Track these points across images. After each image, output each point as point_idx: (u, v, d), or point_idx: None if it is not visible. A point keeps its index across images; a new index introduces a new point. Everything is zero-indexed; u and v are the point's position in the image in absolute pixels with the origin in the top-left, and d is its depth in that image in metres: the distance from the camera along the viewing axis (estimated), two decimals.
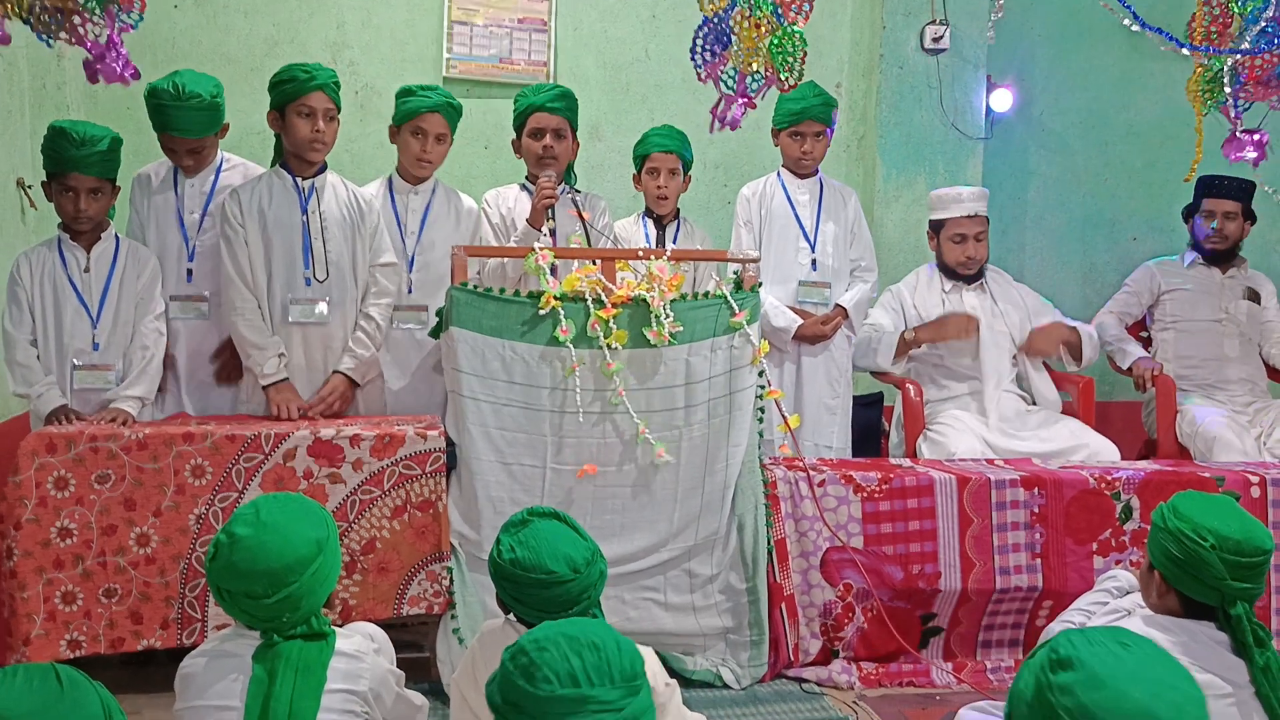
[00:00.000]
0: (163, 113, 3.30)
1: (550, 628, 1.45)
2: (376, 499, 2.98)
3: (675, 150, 3.84)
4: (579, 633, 1.42)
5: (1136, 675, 1.34)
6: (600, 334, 3.03)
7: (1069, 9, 5.05)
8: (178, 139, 3.35)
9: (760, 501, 3.19)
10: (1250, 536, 2.03)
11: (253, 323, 3.30)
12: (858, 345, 4.06)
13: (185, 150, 3.38)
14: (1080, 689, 1.33)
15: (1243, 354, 4.30)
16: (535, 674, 1.37)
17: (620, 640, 1.44)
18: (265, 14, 4.67)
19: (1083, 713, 1.31)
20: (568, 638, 1.41)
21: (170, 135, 3.34)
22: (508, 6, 4.78)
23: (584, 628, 1.44)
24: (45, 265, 3.21)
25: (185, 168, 3.44)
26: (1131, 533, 3.24)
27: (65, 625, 2.84)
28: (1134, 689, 1.32)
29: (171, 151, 3.40)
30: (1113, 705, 1.31)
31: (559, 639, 1.41)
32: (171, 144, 3.37)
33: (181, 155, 3.39)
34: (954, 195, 4.08)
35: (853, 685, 3.15)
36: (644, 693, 1.41)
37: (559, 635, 1.42)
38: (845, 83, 5.01)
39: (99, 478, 2.86)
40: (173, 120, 3.30)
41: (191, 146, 3.38)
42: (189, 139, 3.35)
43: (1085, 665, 1.35)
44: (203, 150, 3.43)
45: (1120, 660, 1.37)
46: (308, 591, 1.91)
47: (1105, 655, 1.37)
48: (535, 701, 1.36)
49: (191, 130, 3.34)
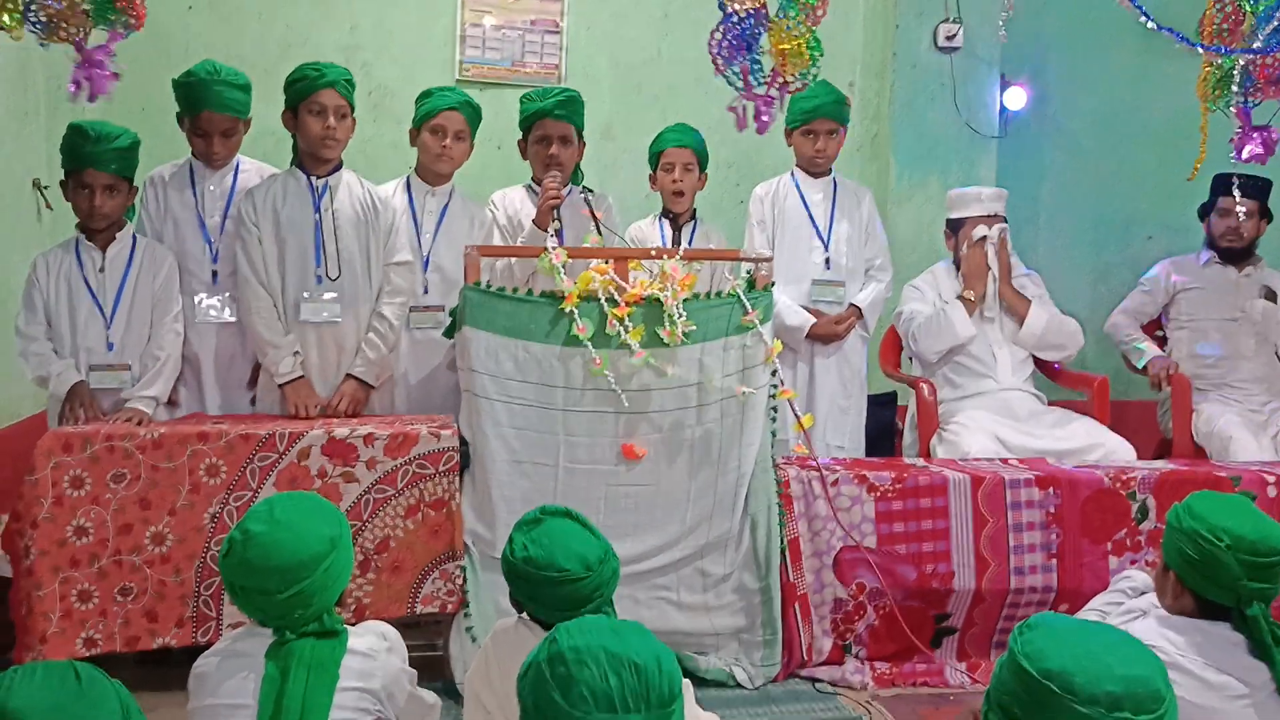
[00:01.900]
0: (199, 89, 3.30)
1: (592, 634, 1.40)
2: (390, 498, 2.99)
3: (690, 145, 3.85)
4: (621, 648, 1.37)
5: (1091, 632, 1.52)
6: (620, 331, 3.03)
7: (1083, 7, 5.02)
8: (216, 117, 3.33)
9: (774, 501, 3.18)
10: (1266, 537, 2.01)
11: (268, 321, 3.32)
12: (923, 329, 3.99)
13: (219, 132, 3.36)
14: (1038, 638, 1.50)
15: (1259, 353, 4.27)
16: (571, 691, 1.35)
17: (662, 657, 1.39)
18: (279, 16, 4.69)
19: (1038, 654, 1.46)
20: (609, 654, 1.37)
21: (208, 114, 3.32)
22: (520, 8, 4.79)
23: (626, 640, 1.39)
24: (62, 266, 3.23)
25: (214, 156, 3.41)
26: (1147, 532, 3.22)
27: (81, 623, 2.85)
28: (1085, 637, 1.49)
29: (202, 136, 3.37)
30: (1063, 647, 1.46)
31: (600, 654, 1.37)
32: (206, 126, 3.35)
33: (214, 140, 3.37)
34: (974, 195, 4.08)
35: (866, 685, 3.14)
36: (677, 715, 1.38)
37: (600, 649, 1.37)
38: (858, 81, 5.00)
39: (115, 476, 2.87)
40: (210, 96, 3.30)
41: (226, 128, 3.37)
42: (226, 116, 3.34)
43: (1048, 625, 1.53)
44: (235, 135, 3.41)
45: (1079, 624, 1.56)
46: (320, 588, 1.91)
47: (1066, 620, 1.58)
48: (568, 718, 1.34)
49: (229, 107, 3.34)
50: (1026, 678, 1.45)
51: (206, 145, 3.40)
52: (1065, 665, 1.43)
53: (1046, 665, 1.44)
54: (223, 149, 3.41)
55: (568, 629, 1.43)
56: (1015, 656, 1.48)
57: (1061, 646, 1.46)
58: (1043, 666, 1.44)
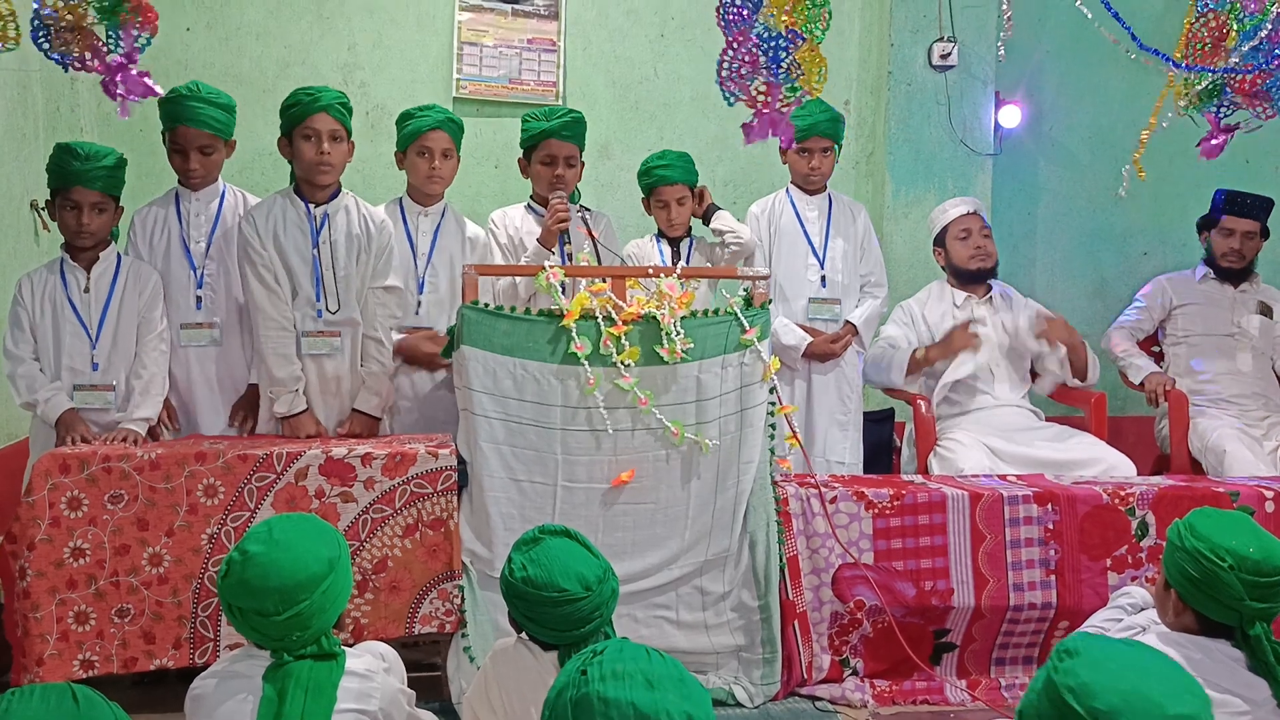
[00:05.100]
0: (177, 104, 3.30)
1: (624, 682, 1.32)
2: (388, 518, 2.98)
3: (679, 180, 3.84)
4: (652, 707, 1.30)
5: (1137, 664, 1.44)
6: (614, 350, 3.03)
7: (1077, 25, 5.02)
8: (191, 132, 3.32)
9: (772, 518, 3.18)
10: (1269, 556, 2.01)
11: (284, 361, 3.30)
12: (871, 361, 4.06)
13: (195, 148, 3.34)
14: (1083, 669, 1.42)
15: (1256, 368, 4.28)
16: None
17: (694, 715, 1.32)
18: (277, 36, 4.72)
19: (1084, 690, 1.39)
20: (638, 713, 1.30)
21: (184, 129, 3.32)
22: (517, 27, 4.82)
23: (659, 695, 1.31)
24: (46, 287, 3.22)
25: (190, 173, 3.38)
26: (1147, 549, 3.21)
27: (78, 645, 2.84)
28: (1132, 672, 1.41)
29: (179, 153, 3.37)
30: (1111, 682, 1.39)
31: (629, 711, 1.30)
32: (183, 141, 3.34)
33: (190, 156, 3.35)
34: (947, 204, 4.18)
35: (866, 703, 3.13)
36: None
37: (630, 705, 1.30)
38: (854, 99, 5.03)
39: (112, 497, 2.87)
40: (187, 111, 3.30)
41: (202, 144, 3.35)
42: (202, 133, 3.33)
43: (1089, 653, 1.45)
44: (213, 154, 3.40)
45: (1123, 653, 1.47)
46: (318, 610, 1.91)
47: (1109, 648, 1.49)
48: None
49: (205, 123, 3.32)
50: (1070, 714, 1.39)
51: (183, 162, 3.38)
52: (1114, 705, 1.37)
53: (1094, 705, 1.38)
54: (199, 166, 3.38)
55: (600, 665, 1.36)
56: (1059, 689, 1.41)
57: (1110, 681, 1.39)
58: (1090, 705, 1.38)
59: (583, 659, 1.39)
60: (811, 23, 3.03)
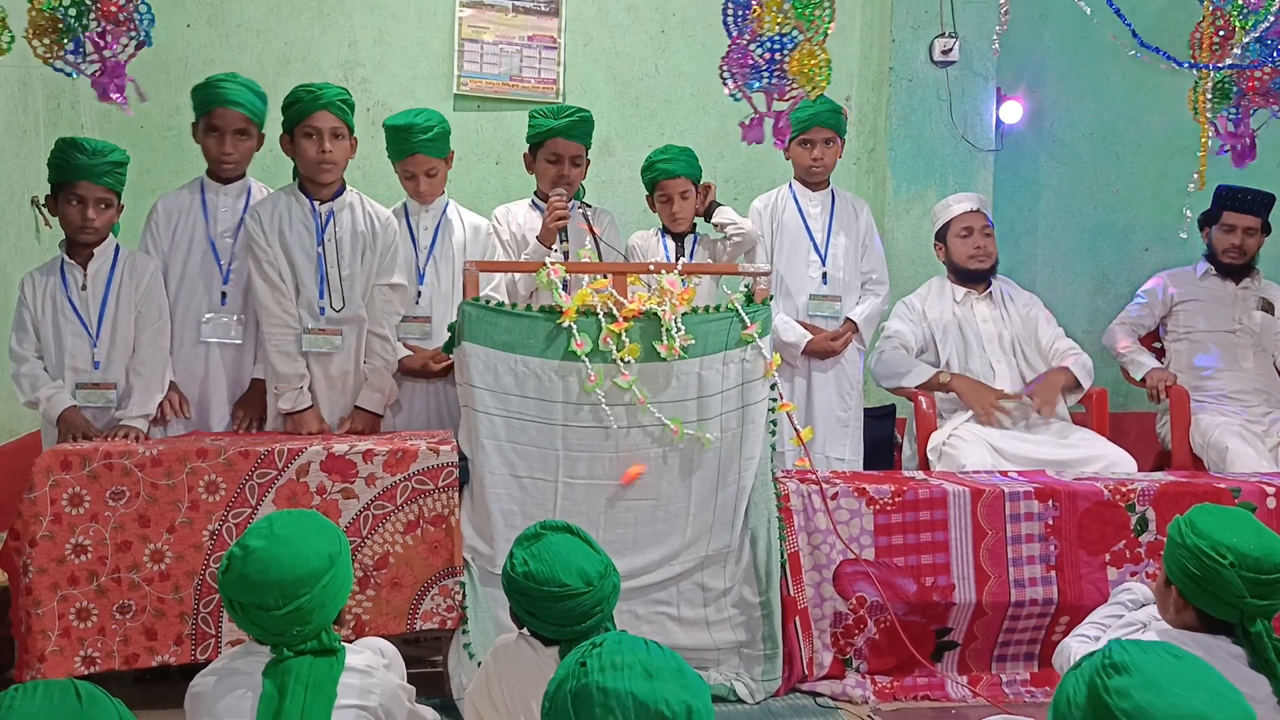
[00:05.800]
0: (213, 88, 3.31)
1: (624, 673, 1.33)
2: (389, 514, 2.98)
3: (683, 173, 3.84)
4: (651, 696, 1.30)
5: (1193, 682, 1.37)
6: (614, 347, 3.03)
7: (1078, 21, 5.03)
8: (229, 113, 3.32)
9: (773, 515, 3.18)
10: (1270, 554, 2.01)
11: (288, 359, 3.31)
12: (885, 361, 4.04)
13: (232, 130, 3.34)
14: (1137, 691, 1.35)
15: (1257, 364, 4.28)
16: None
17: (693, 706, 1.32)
18: (277, 33, 4.72)
19: (1140, 714, 1.33)
20: (638, 703, 1.30)
21: (221, 109, 3.31)
22: (518, 24, 4.81)
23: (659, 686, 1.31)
24: (47, 286, 3.21)
25: (225, 156, 3.36)
26: (1147, 545, 3.21)
27: (80, 641, 2.84)
28: (1192, 695, 1.34)
29: (215, 134, 3.35)
30: (1171, 709, 1.33)
31: (629, 701, 1.30)
32: (219, 122, 3.33)
33: (226, 138, 3.34)
34: (951, 199, 4.16)
35: (867, 699, 3.13)
36: None
37: (629, 695, 1.30)
38: (855, 95, 5.02)
39: (114, 494, 2.87)
40: (226, 93, 3.31)
41: (239, 126, 3.34)
42: (238, 114, 3.33)
43: (1142, 670, 1.37)
44: (248, 139, 3.39)
45: (1175, 668, 1.39)
46: (319, 605, 1.91)
47: (1160, 662, 1.40)
48: None
49: (241, 104, 3.32)
50: None
51: (219, 144, 3.35)
52: None
53: None
54: (235, 150, 3.36)
55: (599, 657, 1.37)
56: (1114, 713, 1.35)
57: (1162, 703, 1.34)
58: None
59: (582, 651, 1.40)
60: (816, 20, 3.02)
